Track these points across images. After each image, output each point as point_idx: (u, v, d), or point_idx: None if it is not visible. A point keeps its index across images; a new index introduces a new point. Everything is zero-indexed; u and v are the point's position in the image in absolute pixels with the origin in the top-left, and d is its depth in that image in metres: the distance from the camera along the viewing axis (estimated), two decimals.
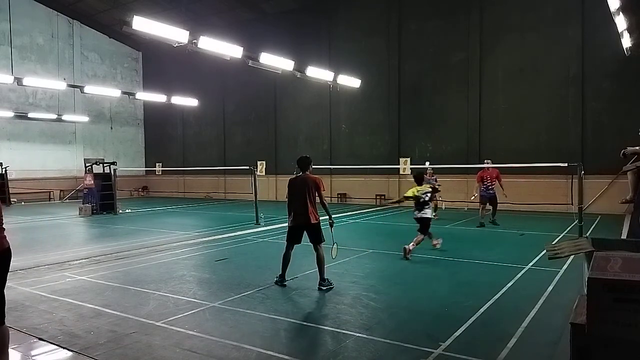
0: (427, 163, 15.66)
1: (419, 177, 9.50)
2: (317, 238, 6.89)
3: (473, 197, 13.76)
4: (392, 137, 20.31)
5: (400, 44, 20.01)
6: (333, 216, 7.08)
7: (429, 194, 9.30)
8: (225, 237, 11.69)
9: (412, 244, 8.82)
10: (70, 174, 25.99)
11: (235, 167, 20.54)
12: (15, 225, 14.94)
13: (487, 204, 12.88)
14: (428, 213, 9.19)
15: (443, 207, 17.69)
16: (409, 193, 9.31)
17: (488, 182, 12.68)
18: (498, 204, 12.92)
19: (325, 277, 6.81)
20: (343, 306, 5.90)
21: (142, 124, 30.47)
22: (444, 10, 19.01)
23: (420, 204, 9.15)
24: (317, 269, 6.83)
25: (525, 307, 5.70)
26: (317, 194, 6.93)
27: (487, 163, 12.97)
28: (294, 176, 7.24)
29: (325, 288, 6.69)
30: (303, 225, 6.90)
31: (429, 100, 19.50)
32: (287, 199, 7.10)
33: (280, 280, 7.01)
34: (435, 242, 9.50)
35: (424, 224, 9.12)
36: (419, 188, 9.27)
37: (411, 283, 7.26)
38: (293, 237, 7.02)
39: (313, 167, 7.19)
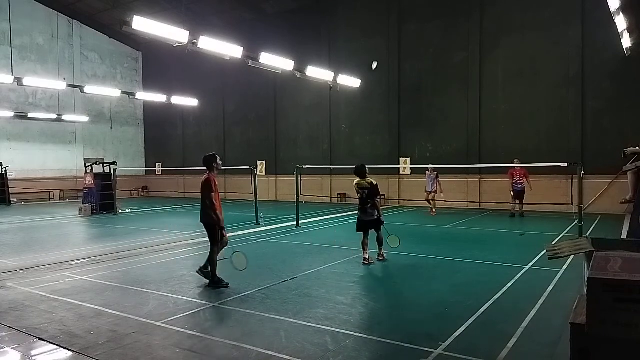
0: (430, 165, 16.48)
1: (358, 170, 8.48)
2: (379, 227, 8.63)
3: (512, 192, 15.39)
4: (392, 137, 20.30)
5: (400, 44, 20.00)
6: (333, 215, 7.85)
7: (366, 191, 8.36)
8: None
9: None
10: (70, 174, 25.97)
11: (235, 167, 20.53)
12: (15, 225, 14.96)
13: (516, 198, 15.20)
14: (374, 214, 8.35)
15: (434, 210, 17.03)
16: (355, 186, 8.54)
17: (517, 178, 15.00)
18: (524, 200, 15.14)
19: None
20: (343, 306, 5.90)
21: (142, 124, 30.46)
22: (444, 10, 18.99)
23: (361, 203, 8.38)
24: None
25: (525, 307, 5.70)
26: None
27: (516, 162, 14.60)
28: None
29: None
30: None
31: (429, 100, 19.48)
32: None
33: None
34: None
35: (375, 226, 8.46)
36: (357, 182, 8.49)
37: (411, 283, 7.26)
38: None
39: (312, 166, 8.27)
